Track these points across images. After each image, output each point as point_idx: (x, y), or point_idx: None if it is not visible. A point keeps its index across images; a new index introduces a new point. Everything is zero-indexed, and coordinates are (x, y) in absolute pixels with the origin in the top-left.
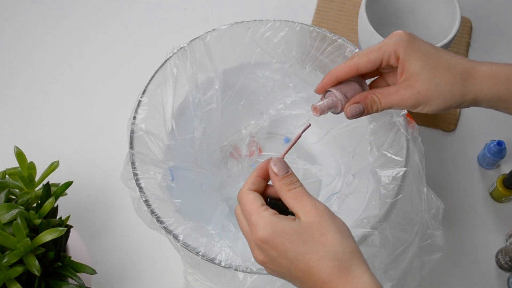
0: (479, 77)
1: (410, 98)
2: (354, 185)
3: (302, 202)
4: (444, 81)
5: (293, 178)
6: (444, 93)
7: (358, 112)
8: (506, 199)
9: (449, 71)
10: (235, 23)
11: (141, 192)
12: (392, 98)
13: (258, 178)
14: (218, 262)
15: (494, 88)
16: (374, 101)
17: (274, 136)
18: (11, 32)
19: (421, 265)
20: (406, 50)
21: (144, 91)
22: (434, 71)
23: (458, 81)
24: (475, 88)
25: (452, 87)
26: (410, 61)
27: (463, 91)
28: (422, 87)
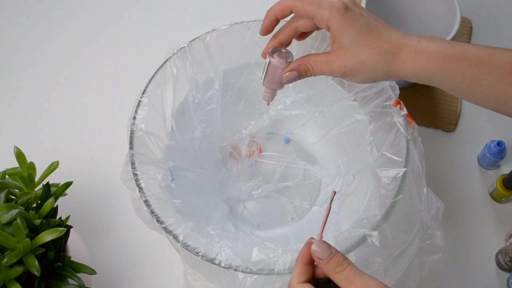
0: (403, 57)
1: (338, 70)
2: (354, 186)
3: (354, 284)
4: (369, 59)
5: (339, 258)
6: (369, 69)
7: (293, 78)
8: (506, 199)
9: (375, 50)
10: (235, 23)
11: (141, 192)
12: (323, 68)
13: (305, 267)
14: (218, 262)
15: (415, 68)
16: (308, 68)
17: (274, 136)
18: (11, 32)
19: (421, 265)
20: (338, 24)
21: (144, 91)
22: (361, 49)
23: (382, 60)
24: (398, 67)
25: (376, 66)
26: (340, 34)
27: (386, 69)
28: (349, 62)
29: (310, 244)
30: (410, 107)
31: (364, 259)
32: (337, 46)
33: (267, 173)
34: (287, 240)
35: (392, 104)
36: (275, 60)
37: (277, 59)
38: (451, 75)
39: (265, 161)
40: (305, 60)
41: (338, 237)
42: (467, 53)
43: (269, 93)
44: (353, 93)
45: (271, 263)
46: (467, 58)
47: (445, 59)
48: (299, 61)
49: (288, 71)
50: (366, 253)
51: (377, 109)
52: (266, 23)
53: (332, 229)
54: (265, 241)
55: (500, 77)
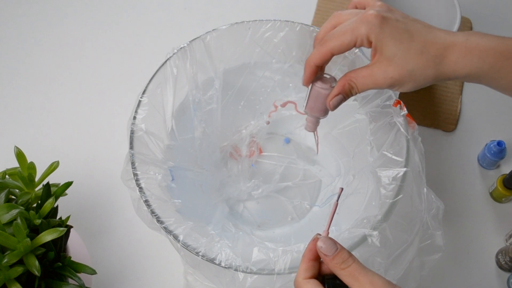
0: (453, 59)
1: (384, 83)
2: (354, 186)
3: (359, 280)
4: (417, 66)
5: (345, 254)
6: (417, 77)
7: (340, 102)
8: (506, 199)
9: (422, 56)
10: (235, 23)
11: (141, 192)
12: (367, 83)
13: (311, 262)
14: (218, 262)
15: (466, 69)
16: (352, 87)
17: (274, 136)
18: (11, 32)
19: (421, 265)
20: (378, 36)
21: (144, 91)
22: (407, 56)
23: (431, 65)
24: (448, 69)
25: (425, 71)
26: (382, 46)
27: (436, 73)
28: (395, 73)
29: (317, 240)
30: (410, 107)
31: (365, 259)
32: (379, 57)
33: (267, 173)
34: (287, 240)
35: (392, 104)
36: (319, 86)
37: (321, 85)
38: (504, 73)
39: (265, 161)
40: (347, 79)
41: (338, 237)
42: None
43: (312, 122)
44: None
45: (271, 263)
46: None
47: (497, 56)
48: (341, 82)
49: (333, 96)
50: (366, 253)
51: (377, 109)
52: (307, 74)
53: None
54: (265, 241)
55: None
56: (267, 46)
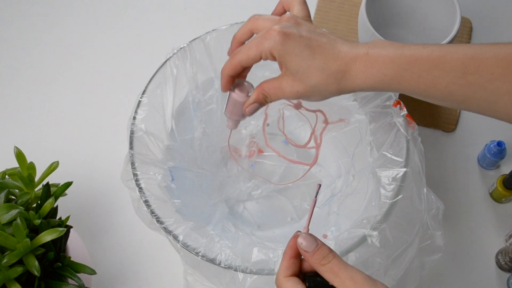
0: (354, 74)
1: (291, 96)
2: (354, 186)
3: (339, 276)
4: (319, 82)
5: (325, 251)
6: (321, 91)
7: (255, 109)
8: (506, 199)
9: (322, 73)
10: (235, 23)
11: (141, 193)
12: (278, 94)
13: (292, 260)
14: (218, 262)
15: (369, 81)
16: (266, 96)
17: (274, 136)
18: (11, 33)
19: (421, 265)
20: (280, 53)
21: (144, 91)
22: (308, 73)
23: (332, 81)
24: (350, 83)
25: (327, 87)
26: (285, 62)
27: (338, 88)
28: (299, 88)
29: (297, 237)
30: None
31: (364, 259)
32: (285, 71)
33: (267, 173)
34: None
35: (392, 104)
36: (236, 94)
37: (238, 94)
38: (406, 84)
39: (265, 161)
40: (261, 90)
41: (338, 237)
42: (419, 58)
43: (232, 122)
44: (353, 93)
45: (271, 263)
46: (419, 64)
47: (396, 68)
48: (256, 92)
49: (249, 104)
50: (366, 253)
51: (377, 109)
52: (223, 82)
53: (332, 229)
54: (265, 241)
55: (455, 79)
56: None
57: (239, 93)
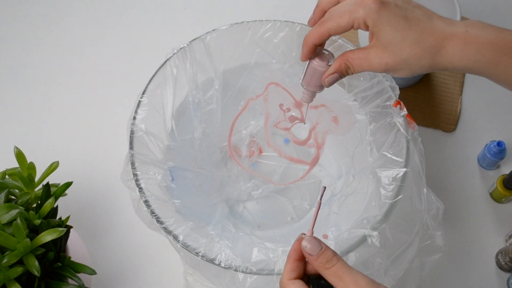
0: (450, 51)
1: (379, 68)
2: (354, 186)
3: (343, 280)
4: (412, 56)
5: (329, 254)
6: (412, 65)
7: (335, 80)
8: (506, 199)
9: (417, 46)
10: (235, 24)
11: (141, 193)
12: (363, 65)
13: (296, 263)
14: (218, 262)
15: (464, 61)
16: (348, 67)
17: (274, 136)
18: (11, 32)
19: (421, 265)
20: (375, 22)
21: (144, 91)
22: (402, 45)
23: (426, 55)
24: (445, 60)
25: (420, 61)
26: (378, 32)
27: (432, 63)
28: (389, 60)
29: (301, 240)
30: (410, 107)
31: (364, 259)
32: (375, 42)
33: (267, 173)
34: (287, 240)
35: (392, 104)
36: (316, 63)
37: (318, 62)
38: (502, 68)
39: (265, 161)
40: (343, 59)
41: (338, 237)
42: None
43: (308, 95)
44: (353, 93)
45: (271, 263)
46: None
47: (496, 51)
48: (338, 61)
49: (329, 74)
50: (366, 253)
51: (377, 109)
52: (305, 51)
53: (332, 229)
54: (265, 241)
55: None
56: (267, 47)
57: (319, 62)
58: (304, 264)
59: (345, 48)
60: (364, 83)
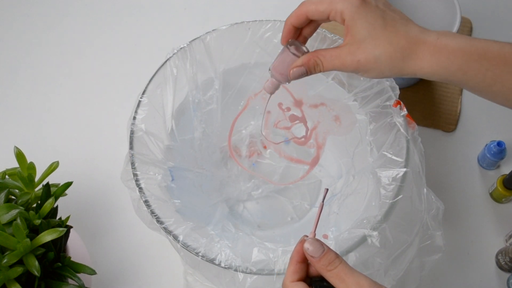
0: (420, 55)
1: (350, 65)
2: (354, 186)
3: (345, 282)
4: (384, 54)
5: (331, 256)
6: (383, 66)
7: (300, 74)
8: (506, 199)
9: (390, 45)
10: (235, 24)
11: (141, 193)
12: (334, 63)
13: (298, 265)
14: (218, 262)
15: (433, 67)
16: (317, 64)
17: (274, 136)
18: (11, 33)
19: (421, 265)
20: (353, 16)
21: (144, 91)
22: (376, 42)
23: (398, 56)
24: (415, 65)
25: (391, 61)
26: (354, 27)
27: (401, 66)
28: (362, 57)
29: (304, 241)
30: (410, 107)
31: (364, 259)
32: (350, 39)
33: (267, 173)
34: (287, 240)
35: (392, 104)
36: (288, 50)
37: (293, 50)
38: (472, 75)
39: (265, 161)
40: (314, 55)
41: (338, 237)
42: (488, 51)
43: (272, 83)
44: (353, 93)
45: (271, 263)
46: (488, 57)
47: (465, 58)
48: (307, 56)
49: (295, 66)
50: (366, 254)
51: (377, 109)
52: (284, 32)
53: (332, 229)
54: (265, 241)
55: None
56: (267, 47)
57: (293, 50)
58: (306, 266)
59: None
60: (364, 83)
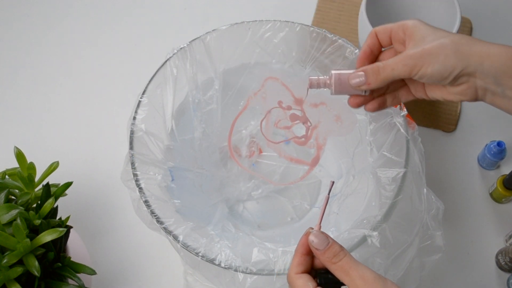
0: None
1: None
2: (354, 186)
3: (350, 275)
4: (448, 39)
5: (336, 248)
6: (448, 50)
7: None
8: (506, 199)
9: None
10: (235, 24)
11: (141, 193)
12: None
13: (303, 257)
14: (218, 262)
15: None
16: (378, 67)
17: (275, 136)
18: (11, 33)
19: (421, 265)
20: (415, 23)
21: (144, 91)
22: (439, 34)
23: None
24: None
25: (456, 46)
26: (416, 31)
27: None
28: (427, 45)
29: (309, 234)
30: (410, 107)
31: (364, 259)
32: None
33: (267, 173)
34: (287, 240)
35: None
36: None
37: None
38: None
39: (265, 161)
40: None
41: (338, 238)
42: None
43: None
44: None
45: (271, 263)
46: None
47: None
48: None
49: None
50: (366, 254)
51: None
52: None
53: (332, 229)
54: (265, 242)
55: None
56: (267, 47)
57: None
58: (311, 258)
59: (345, 48)
60: None
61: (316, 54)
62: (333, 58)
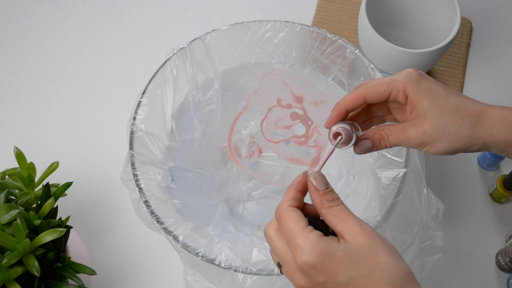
0: (489, 121)
1: (416, 138)
2: (354, 186)
3: (346, 221)
4: (451, 122)
5: (334, 194)
6: (451, 135)
7: (367, 148)
8: (506, 200)
9: (457, 113)
10: (235, 24)
11: (141, 193)
12: (399, 136)
13: (298, 194)
14: (218, 263)
15: (504, 132)
16: (383, 137)
17: (274, 136)
18: (11, 32)
19: (421, 266)
20: (416, 90)
21: (144, 91)
22: (442, 111)
23: (466, 123)
24: (485, 132)
25: (459, 129)
26: (418, 100)
27: (471, 134)
28: (428, 127)
29: (306, 173)
30: None
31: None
32: (415, 113)
33: (267, 174)
34: None
35: None
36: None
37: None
38: None
39: (265, 161)
40: (379, 129)
41: None
42: None
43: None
44: None
45: (271, 263)
46: None
47: None
48: (373, 130)
49: (362, 138)
50: None
51: None
52: (333, 115)
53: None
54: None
55: None
56: (267, 47)
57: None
58: (303, 199)
59: (345, 48)
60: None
61: (316, 54)
62: (333, 58)
